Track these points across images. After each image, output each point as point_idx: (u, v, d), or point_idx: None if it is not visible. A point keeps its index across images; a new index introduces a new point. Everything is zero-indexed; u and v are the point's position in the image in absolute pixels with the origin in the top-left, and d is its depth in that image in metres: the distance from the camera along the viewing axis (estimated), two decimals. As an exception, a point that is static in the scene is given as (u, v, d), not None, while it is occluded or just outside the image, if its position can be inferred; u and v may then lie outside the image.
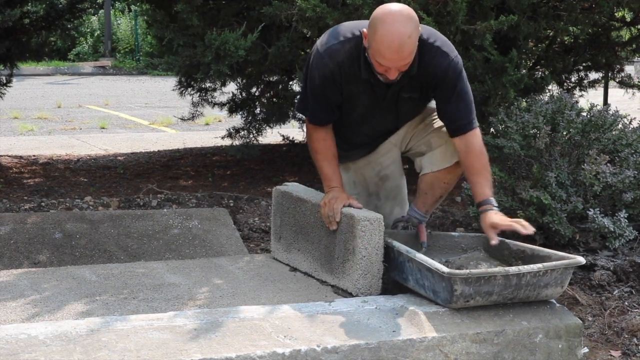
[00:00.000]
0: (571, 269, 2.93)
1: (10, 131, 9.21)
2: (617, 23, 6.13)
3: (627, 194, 3.88)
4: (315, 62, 3.19)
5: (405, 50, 2.97)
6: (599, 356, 3.11)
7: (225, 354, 2.49)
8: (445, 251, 3.30)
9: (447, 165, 3.41)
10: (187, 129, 9.52)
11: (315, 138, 3.32)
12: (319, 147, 3.30)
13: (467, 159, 3.23)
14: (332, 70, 3.17)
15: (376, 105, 3.29)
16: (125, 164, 6.70)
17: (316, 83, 3.22)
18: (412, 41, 2.97)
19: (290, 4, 4.66)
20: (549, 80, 5.32)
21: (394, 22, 2.95)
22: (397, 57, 2.98)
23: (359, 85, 3.21)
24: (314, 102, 3.27)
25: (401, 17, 2.96)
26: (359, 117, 3.35)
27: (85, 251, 3.91)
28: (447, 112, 3.24)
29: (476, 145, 3.22)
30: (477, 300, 2.81)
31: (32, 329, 2.54)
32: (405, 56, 2.99)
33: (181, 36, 5.03)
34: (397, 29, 2.94)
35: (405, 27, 2.95)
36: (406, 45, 2.96)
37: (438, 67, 3.14)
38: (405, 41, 2.95)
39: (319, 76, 3.20)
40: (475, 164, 3.20)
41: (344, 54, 3.15)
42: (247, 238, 4.35)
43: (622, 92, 6.78)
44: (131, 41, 18.78)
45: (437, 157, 3.42)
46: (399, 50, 2.96)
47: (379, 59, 3.01)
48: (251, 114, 6.38)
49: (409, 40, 2.96)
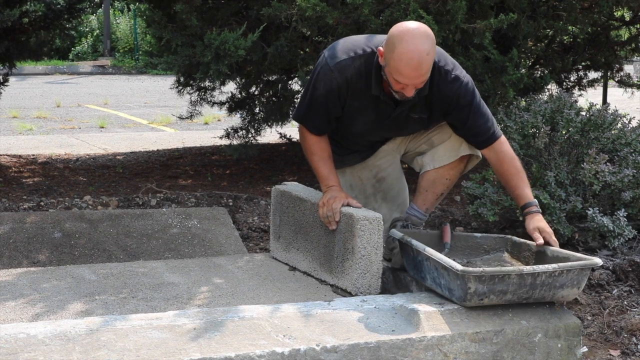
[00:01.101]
0: (588, 270, 2.94)
1: (9, 130, 9.20)
2: (616, 22, 6.13)
3: (626, 193, 3.88)
4: (323, 74, 3.20)
5: (423, 68, 3.00)
6: (598, 355, 3.11)
7: (225, 353, 2.49)
8: (467, 252, 3.32)
9: (451, 161, 3.41)
10: (186, 128, 9.51)
11: (309, 141, 3.32)
12: (313, 149, 3.31)
13: (501, 166, 3.27)
14: (339, 85, 3.18)
15: (379, 122, 3.30)
16: (125, 164, 6.69)
17: (319, 93, 3.22)
18: (430, 58, 3.01)
19: (290, 4, 4.66)
20: (548, 80, 5.32)
21: (413, 39, 2.97)
22: (416, 74, 3.01)
23: (364, 101, 3.22)
24: (313, 110, 3.27)
25: (419, 34, 2.99)
26: (357, 131, 3.37)
27: (85, 250, 3.90)
28: (470, 130, 3.27)
29: (506, 152, 3.26)
30: (492, 299, 2.82)
31: (32, 328, 2.54)
32: (424, 73, 3.02)
33: (180, 36, 5.03)
34: (416, 46, 2.97)
35: (424, 44, 2.98)
36: (425, 63, 2.99)
37: (451, 91, 3.17)
38: (424, 58, 2.98)
39: (324, 88, 3.20)
40: (510, 170, 3.24)
41: (353, 70, 3.16)
42: (246, 237, 4.35)
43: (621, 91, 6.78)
44: (130, 40, 18.77)
45: (441, 153, 3.42)
46: (418, 67, 2.99)
47: (397, 77, 3.03)
48: (250, 114, 6.37)
49: (428, 57, 2.99)
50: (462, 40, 4.75)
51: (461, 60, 4.77)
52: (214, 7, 5.38)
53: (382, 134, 3.42)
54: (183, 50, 5.00)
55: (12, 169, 6.30)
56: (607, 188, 3.91)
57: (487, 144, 3.26)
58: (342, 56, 3.18)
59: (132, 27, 18.72)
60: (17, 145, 7.93)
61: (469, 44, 4.80)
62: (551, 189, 3.90)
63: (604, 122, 4.09)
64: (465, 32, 4.65)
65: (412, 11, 4.32)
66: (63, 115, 10.62)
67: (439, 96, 3.19)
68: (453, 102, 3.20)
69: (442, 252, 3.05)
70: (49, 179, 5.87)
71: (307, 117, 3.29)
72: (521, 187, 3.23)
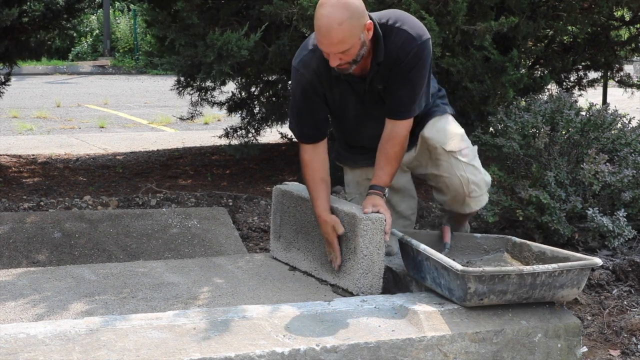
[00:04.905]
0: (587, 271, 2.94)
1: (9, 130, 9.20)
2: (616, 22, 6.13)
3: (626, 193, 3.88)
4: (294, 77, 3.21)
5: (334, 36, 2.95)
6: (598, 355, 3.11)
7: (225, 353, 2.49)
8: (467, 252, 3.32)
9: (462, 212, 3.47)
10: (186, 128, 9.52)
11: (302, 158, 3.28)
12: (306, 170, 3.27)
13: (386, 142, 3.21)
14: (310, 80, 3.16)
15: (362, 102, 3.28)
16: (125, 163, 6.70)
17: (297, 96, 3.22)
18: (342, 29, 2.94)
19: (291, 3, 4.66)
20: (548, 80, 5.32)
21: (325, 6, 2.97)
22: (328, 42, 2.97)
23: (340, 87, 3.21)
24: (300, 118, 3.25)
25: (335, 3, 2.97)
26: (353, 119, 3.35)
27: (85, 250, 3.90)
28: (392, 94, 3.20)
29: (399, 134, 3.20)
30: (492, 299, 2.82)
31: (32, 328, 2.54)
32: (336, 42, 2.96)
33: (183, 36, 5.03)
34: (327, 14, 2.95)
35: (336, 14, 2.94)
36: (334, 31, 2.94)
37: (400, 48, 3.12)
38: (334, 27, 2.94)
39: (300, 90, 3.20)
40: (388, 150, 3.20)
41: (316, 61, 3.14)
42: (246, 237, 4.35)
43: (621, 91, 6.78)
44: (130, 40, 18.78)
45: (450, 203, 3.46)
46: (327, 34, 2.96)
47: (317, 44, 3.05)
48: (250, 113, 6.37)
49: (339, 27, 2.94)
50: (462, 41, 4.75)
51: (461, 60, 4.78)
52: (214, 7, 5.38)
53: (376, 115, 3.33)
54: (185, 50, 5.00)
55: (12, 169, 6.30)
56: (607, 188, 3.92)
57: (394, 117, 3.20)
58: (302, 53, 3.20)
59: (132, 27, 18.72)
60: (17, 145, 7.93)
61: (469, 44, 4.80)
62: (551, 189, 3.90)
63: (603, 122, 4.09)
64: (465, 33, 4.65)
65: (413, 11, 4.31)
66: (63, 115, 10.62)
67: (391, 56, 3.13)
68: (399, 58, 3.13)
69: (442, 252, 3.05)
70: (49, 179, 5.87)
71: (298, 126, 3.27)
72: (383, 170, 3.19)
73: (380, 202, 3.14)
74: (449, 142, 3.32)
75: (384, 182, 3.20)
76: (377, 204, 3.13)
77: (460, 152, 3.32)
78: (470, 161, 3.33)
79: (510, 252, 3.29)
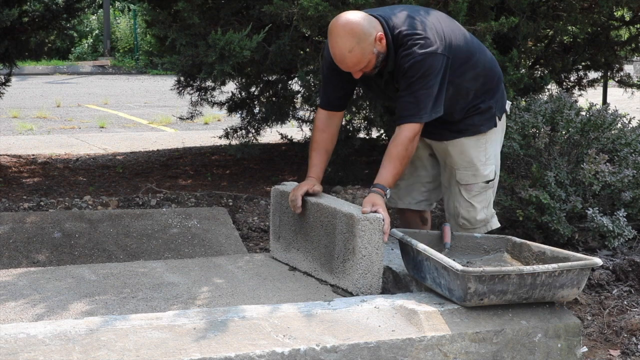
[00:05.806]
0: (587, 271, 2.94)
1: (10, 130, 9.21)
2: (616, 22, 6.14)
3: (626, 193, 3.89)
4: (325, 52, 3.42)
5: (347, 62, 3.17)
6: (598, 355, 3.11)
7: (225, 353, 2.49)
8: (467, 252, 3.32)
9: None
10: (186, 128, 9.52)
11: (316, 126, 3.47)
12: (315, 136, 3.46)
13: (391, 143, 3.30)
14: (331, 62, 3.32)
15: (380, 90, 3.46)
16: (125, 163, 6.70)
17: (325, 67, 3.44)
18: (353, 55, 3.14)
19: (292, 3, 4.66)
20: (548, 80, 5.32)
21: (336, 36, 3.15)
22: (344, 66, 3.19)
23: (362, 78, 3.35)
24: (324, 85, 3.46)
25: (343, 32, 3.14)
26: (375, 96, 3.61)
27: (85, 250, 3.90)
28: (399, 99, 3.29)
29: (404, 137, 3.27)
30: (492, 299, 2.82)
31: (32, 328, 2.54)
32: (351, 65, 3.18)
33: (183, 36, 5.03)
34: (337, 43, 3.15)
35: (344, 43, 3.13)
36: (347, 59, 3.15)
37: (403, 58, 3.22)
38: (346, 55, 3.14)
39: (326, 65, 3.40)
40: (392, 151, 3.26)
41: None
42: (246, 237, 4.35)
43: (621, 91, 6.78)
44: (130, 40, 18.78)
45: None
46: (341, 62, 3.18)
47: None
48: (250, 113, 6.38)
49: (350, 54, 3.14)
50: (462, 41, 4.74)
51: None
52: (215, 7, 5.38)
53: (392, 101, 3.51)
54: (186, 50, 5.00)
55: (12, 169, 6.30)
56: (607, 188, 3.92)
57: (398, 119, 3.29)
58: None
59: (132, 27, 18.72)
60: (17, 145, 7.93)
61: (469, 44, 4.79)
62: (551, 189, 3.90)
63: (603, 122, 4.09)
64: (465, 33, 4.65)
65: (413, 11, 4.31)
66: (63, 115, 10.62)
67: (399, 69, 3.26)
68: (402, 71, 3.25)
69: (442, 252, 3.05)
70: (49, 179, 5.87)
71: (322, 90, 3.49)
72: (386, 168, 3.26)
73: (380, 201, 3.16)
74: (463, 173, 3.46)
75: (385, 180, 3.24)
76: (376, 203, 3.15)
77: (466, 187, 3.46)
78: (470, 199, 3.47)
79: (510, 252, 3.29)
